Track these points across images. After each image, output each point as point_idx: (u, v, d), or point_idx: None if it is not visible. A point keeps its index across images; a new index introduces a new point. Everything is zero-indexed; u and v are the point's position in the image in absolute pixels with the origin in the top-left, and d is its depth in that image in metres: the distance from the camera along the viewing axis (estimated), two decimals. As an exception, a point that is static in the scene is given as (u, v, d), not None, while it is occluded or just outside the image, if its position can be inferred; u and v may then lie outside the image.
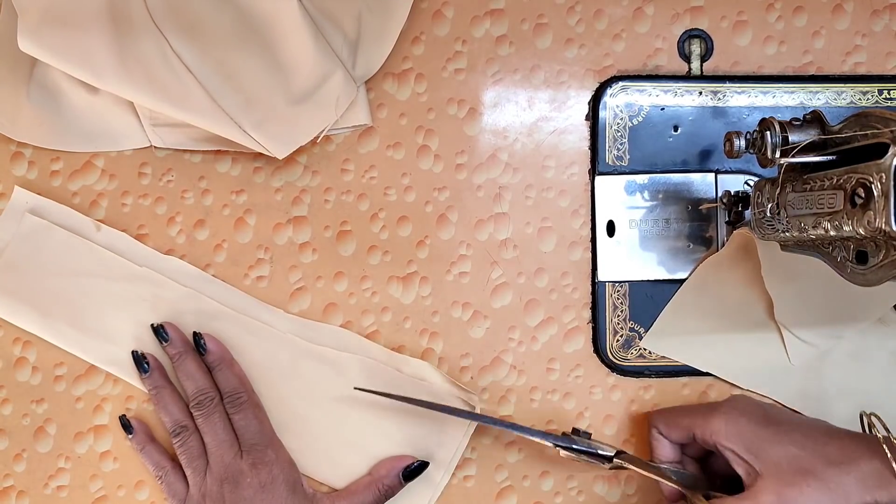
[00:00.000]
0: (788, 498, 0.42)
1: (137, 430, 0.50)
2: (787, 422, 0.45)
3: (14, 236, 0.50)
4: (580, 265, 0.52)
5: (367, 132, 0.52)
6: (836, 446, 0.42)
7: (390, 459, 0.50)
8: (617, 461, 0.47)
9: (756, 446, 0.43)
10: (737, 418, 0.45)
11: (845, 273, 0.38)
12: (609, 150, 0.52)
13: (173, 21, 0.48)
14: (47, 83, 0.51)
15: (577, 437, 0.48)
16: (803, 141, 0.39)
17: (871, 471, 0.41)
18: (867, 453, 0.41)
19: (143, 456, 0.50)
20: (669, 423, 0.48)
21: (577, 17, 0.53)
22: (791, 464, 0.42)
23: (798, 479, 0.42)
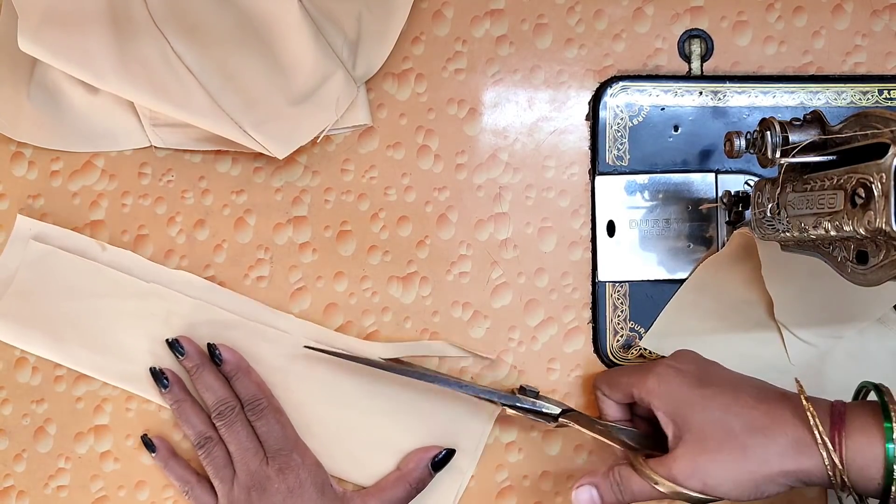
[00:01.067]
0: (704, 465, 0.41)
1: (160, 448, 0.50)
2: (718, 384, 0.43)
3: (21, 264, 0.51)
4: (580, 265, 0.52)
5: (367, 132, 0.52)
6: (762, 411, 0.41)
7: (417, 451, 0.50)
8: (562, 420, 0.47)
9: (682, 409, 0.43)
10: (669, 379, 0.44)
11: (846, 273, 0.38)
12: (609, 150, 0.52)
13: (174, 22, 0.48)
14: (47, 83, 0.51)
15: (523, 396, 0.48)
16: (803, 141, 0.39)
17: (793, 438, 0.40)
18: (793, 419, 0.40)
19: (168, 472, 0.50)
20: (611, 384, 0.48)
21: (577, 17, 0.53)
22: (712, 429, 0.41)
23: (716, 445, 0.41)
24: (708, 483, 0.41)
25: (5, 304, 0.51)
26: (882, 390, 0.40)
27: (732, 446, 0.40)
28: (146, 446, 0.51)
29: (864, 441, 0.39)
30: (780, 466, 0.40)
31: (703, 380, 0.44)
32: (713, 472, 0.41)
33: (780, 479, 0.40)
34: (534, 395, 0.48)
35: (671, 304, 0.52)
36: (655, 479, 0.42)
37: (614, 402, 0.48)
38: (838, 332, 0.51)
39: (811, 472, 0.39)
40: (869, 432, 0.39)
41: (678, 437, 0.42)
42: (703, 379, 0.44)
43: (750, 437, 0.40)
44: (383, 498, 0.49)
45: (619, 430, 0.47)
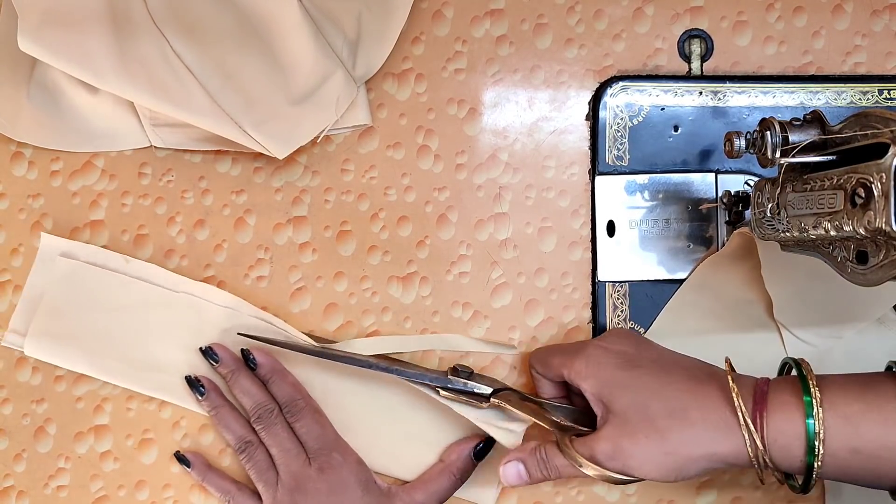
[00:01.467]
0: (624, 448, 0.41)
1: (194, 462, 0.50)
2: (646, 365, 0.43)
3: (50, 282, 0.51)
4: (580, 265, 0.52)
5: (367, 132, 0.52)
6: (687, 394, 0.41)
7: (458, 443, 0.50)
8: (494, 400, 0.47)
9: (608, 391, 0.43)
10: (598, 360, 0.44)
11: (845, 273, 0.38)
12: (609, 150, 0.52)
13: (174, 21, 0.48)
14: (47, 83, 0.51)
15: (454, 377, 0.48)
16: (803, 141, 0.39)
17: (714, 421, 0.40)
18: (717, 401, 0.40)
19: (207, 484, 0.50)
20: (544, 363, 0.48)
21: (577, 17, 0.53)
22: (635, 412, 0.41)
23: (637, 429, 0.41)
24: (628, 464, 0.41)
25: (38, 324, 0.51)
26: (801, 365, 0.40)
27: (653, 429, 0.40)
28: (180, 462, 0.50)
29: (785, 419, 0.39)
30: (700, 450, 0.40)
31: (631, 361, 0.44)
32: (633, 454, 0.41)
33: (700, 462, 0.40)
34: (466, 376, 0.48)
35: (671, 304, 0.52)
36: (579, 460, 0.42)
37: (548, 381, 0.48)
38: (838, 332, 0.51)
39: (730, 455, 0.40)
40: (790, 409, 0.39)
41: (604, 418, 0.43)
42: (632, 360, 0.44)
43: (670, 421, 0.40)
44: (428, 490, 0.49)
45: (553, 408, 0.47)
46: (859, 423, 0.38)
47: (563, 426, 0.46)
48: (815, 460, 0.38)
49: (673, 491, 0.52)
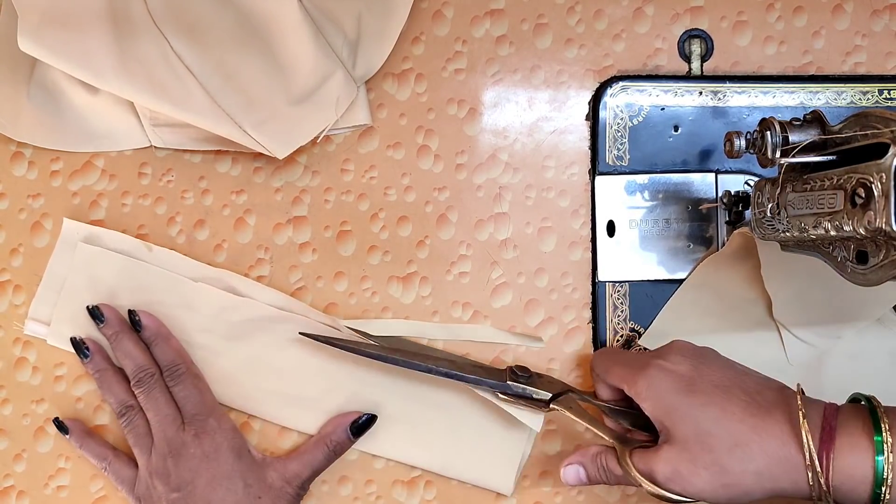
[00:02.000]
0: (683, 474, 0.41)
1: (73, 429, 0.50)
2: (708, 390, 0.42)
3: (70, 267, 0.51)
4: (580, 265, 0.52)
5: (367, 132, 0.52)
6: (749, 425, 0.40)
7: (337, 417, 0.50)
8: (554, 406, 0.47)
9: (669, 417, 0.42)
10: (659, 382, 0.43)
11: (846, 273, 0.38)
12: (609, 150, 0.52)
13: (174, 22, 0.48)
14: (47, 83, 0.51)
15: (514, 383, 0.48)
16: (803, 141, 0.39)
17: (779, 458, 0.39)
18: (780, 435, 0.39)
19: (85, 451, 0.50)
20: (605, 370, 0.48)
21: (577, 17, 0.53)
22: (696, 442, 0.41)
23: (697, 458, 0.41)
24: (686, 489, 0.41)
25: (61, 311, 0.51)
26: (873, 402, 0.40)
27: (713, 462, 0.40)
28: (59, 429, 0.50)
29: (853, 462, 0.38)
30: (759, 485, 0.40)
31: (692, 384, 0.43)
32: (692, 483, 0.41)
33: (756, 494, 0.40)
34: (525, 380, 0.48)
35: (670, 304, 0.52)
36: (637, 478, 0.42)
37: (607, 387, 0.48)
38: (837, 332, 0.51)
39: (789, 489, 0.39)
40: (859, 451, 0.38)
41: (665, 440, 0.42)
42: (693, 384, 0.43)
43: (731, 455, 0.40)
44: (302, 461, 0.49)
45: (613, 412, 0.47)
46: None
47: (623, 436, 0.46)
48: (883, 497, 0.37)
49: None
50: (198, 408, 0.49)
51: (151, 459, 0.48)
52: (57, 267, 0.51)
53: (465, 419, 0.51)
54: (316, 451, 0.49)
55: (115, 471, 0.49)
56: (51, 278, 0.51)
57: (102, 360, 0.50)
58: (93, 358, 0.50)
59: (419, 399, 0.51)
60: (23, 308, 0.52)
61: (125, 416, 0.49)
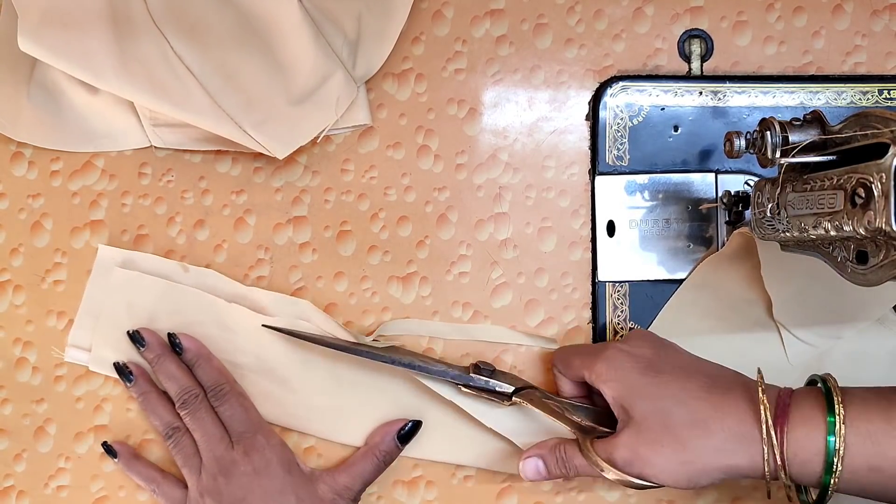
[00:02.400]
0: (642, 455, 0.41)
1: (121, 452, 0.50)
2: (669, 371, 0.43)
3: (108, 293, 0.51)
4: (580, 265, 0.52)
5: (367, 132, 0.52)
6: (708, 402, 0.41)
7: (383, 426, 0.51)
8: (516, 399, 0.47)
9: (629, 397, 0.42)
10: (619, 364, 0.44)
11: (846, 273, 0.38)
12: (609, 150, 0.52)
13: (174, 22, 0.48)
14: (47, 83, 0.51)
15: (476, 375, 0.48)
16: (803, 141, 0.39)
17: (736, 433, 0.40)
18: (738, 412, 0.40)
19: (133, 474, 0.50)
20: (565, 363, 0.48)
21: (577, 17, 0.53)
22: (655, 420, 0.41)
23: (656, 437, 0.41)
24: (645, 472, 0.41)
25: (101, 336, 0.51)
26: (827, 380, 0.40)
27: (672, 439, 0.40)
28: (107, 452, 0.50)
29: (806, 434, 0.38)
30: (717, 461, 0.40)
31: (652, 366, 0.43)
32: (651, 462, 0.41)
33: (716, 472, 0.40)
34: (488, 373, 0.48)
35: (670, 304, 0.52)
36: (599, 464, 0.42)
37: (569, 381, 0.48)
38: (837, 332, 0.51)
39: (747, 467, 0.40)
40: (811, 425, 0.39)
41: (624, 423, 0.42)
42: (653, 365, 0.43)
43: (690, 431, 0.40)
44: (352, 473, 0.49)
45: (574, 408, 0.47)
46: (881, 441, 0.37)
47: (584, 427, 0.46)
48: (833, 477, 0.38)
49: (673, 491, 0.52)
50: (245, 425, 0.49)
51: (202, 479, 0.48)
52: (94, 292, 0.51)
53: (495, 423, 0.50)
54: (365, 462, 0.49)
55: (164, 493, 0.49)
56: (88, 304, 0.51)
57: (146, 383, 0.50)
58: (136, 382, 0.50)
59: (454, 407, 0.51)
60: (23, 309, 0.52)
61: (172, 437, 0.49)
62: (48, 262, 0.52)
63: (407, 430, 0.50)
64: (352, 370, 0.51)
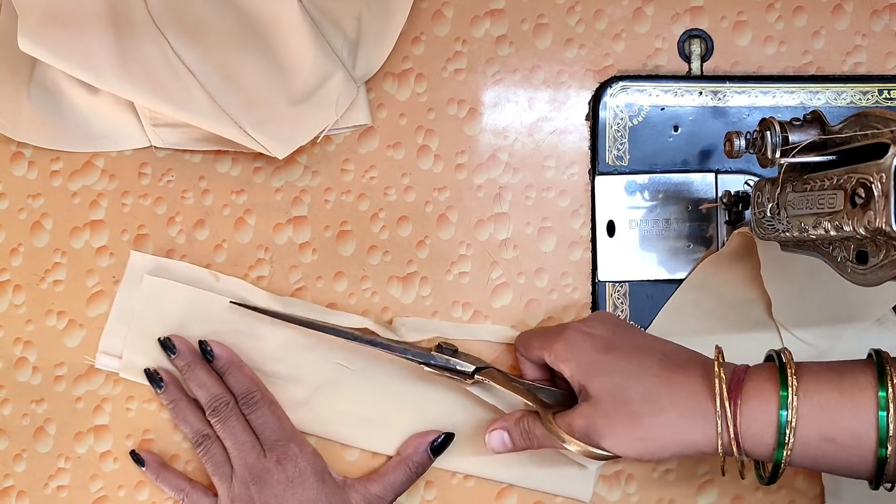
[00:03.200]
0: (599, 428, 0.41)
1: (149, 461, 0.50)
2: (626, 348, 0.43)
3: (139, 301, 0.51)
4: (580, 265, 0.52)
5: (367, 132, 0.52)
6: (662, 378, 0.41)
7: (416, 437, 0.51)
8: (478, 377, 0.47)
9: (586, 374, 0.43)
10: (576, 343, 0.44)
11: (846, 273, 0.38)
12: (609, 150, 0.52)
13: (174, 22, 0.48)
14: (47, 83, 0.51)
15: (437, 354, 0.48)
16: (803, 141, 0.39)
17: (689, 408, 0.40)
18: (692, 388, 0.40)
19: (161, 483, 0.50)
20: (526, 345, 0.48)
21: (577, 17, 0.53)
22: (610, 396, 0.41)
23: (611, 412, 0.41)
24: (602, 445, 0.41)
25: (132, 343, 0.51)
26: (782, 354, 0.40)
27: (626, 414, 0.41)
28: (135, 461, 0.50)
29: (758, 406, 0.39)
30: (671, 436, 0.40)
31: (609, 344, 0.44)
32: (606, 436, 0.41)
33: (671, 448, 0.40)
34: (450, 353, 0.48)
35: (670, 304, 0.52)
36: (560, 434, 0.43)
37: (531, 363, 0.49)
38: (837, 332, 0.51)
39: (701, 443, 0.40)
40: (764, 397, 0.39)
41: (582, 399, 0.43)
42: (610, 343, 0.44)
43: (643, 406, 0.41)
44: (384, 483, 0.49)
45: (537, 390, 0.47)
46: (832, 412, 0.38)
47: (547, 404, 0.46)
48: (786, 449, 0.38)
49: (673, 490, 0.52)
50: (277, 434, 0.49)
51: (233, 487, 0.48)
52: (125, 300, 0.51)
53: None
54: (398, 473, 0.49)
55: (194, 501, 0.49)
56: (119, 311, 0.51)
57: (176, 390, 0.50)
58: (167, 389, 0.50)
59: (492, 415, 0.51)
60: (23, 308, 0.52)
61: (202, 444, 0.49)
62: (48, 262, 0.52)
63: (440, 442, 0.50)
64: (384, 379, 0.51)
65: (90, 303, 0.52)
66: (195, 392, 0.50)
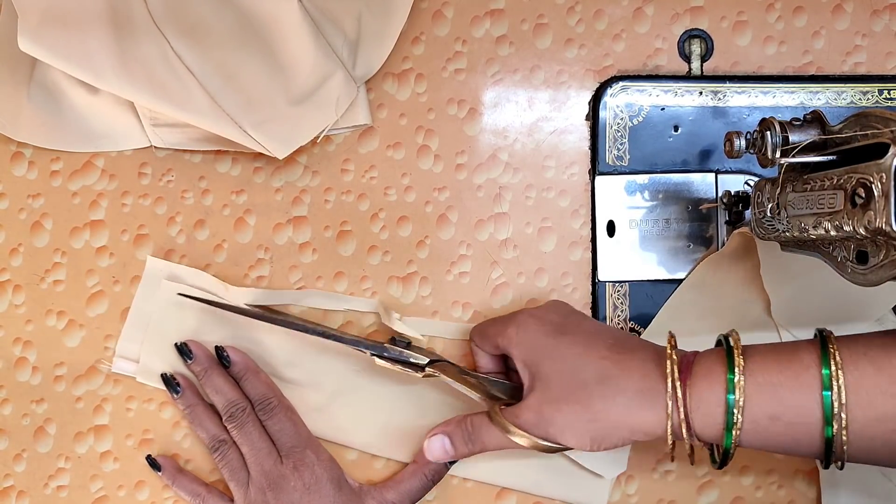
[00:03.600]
0: (546, 415, 0.41)
1: (165, 466, 0.50)
2: (578, 333, 0.43)
3: (156, 305, 0.51)
4: (580, 265, 0.52)
5: (367, 132, 0.52)
6: (613, 361, 0.41)
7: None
8: (430, 370, 0.47)
9: (536, 358, 0.43)
10: (528, 327, 0.44)
11: (846, 273, 0.38)
12: (609, 150, 0.52)
13: (174, 22, 0.48)
14: (47, 83, 0.51)
15: (391, 346, 0.48)
16: (803, 141, 0.39)
17: (639, 389, 0.40)
18: (643, 370, 0.40)
19: (177, 488, 0.50)
20: (481, 333, 0.48)
21: (577, 17, 0.53)
22: (559, 379, 0.41)
23: (560, 396, 0.41)
24: (550, 432, 0.41)
25: (149, 348, 0.51)
26: (730, 336, 0.41)
27: (575, 397, 0.41)
28: (151, 466, 0.50)
29: (707, 387, 0.39)
30: (621, 418, 0.40)
31: (560, 328, 0.44)
32: (555, 422, 0.41)
33: (622, 430, 0.40)
34: (404, 346, 0.48)
35: (669, 303, 0.52)
36: (508, 427, 0.42)
37: (486, 354, 0.49)
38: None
39: (651, 424, 0.40)
40: (712, 378, 0.39)
41: (531, 386, 0.43)
42: (561, 328, 0.44)
43: (593, 388, 0.40)
44: (400, 490, 0.49)
45: (490, 382, 0.47)
46: (778, 390, 0.38)
47: (498, 399, 0.46)
48: (734, 429, 0.38)
49: (674, 491, 0.52)
50: (294, 440, 0.49)
51: (249, 493, 0.48)
52: (142, 304, 0.51)
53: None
54: (413, 480, 0.49)
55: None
56: (136, 316, 0.51)
57: (193, 395, 0.50)
58: (184, 394, 0.50)
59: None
60: (23, 308, 0.52)
61: (218, 450, 0.49)
62: (48, 262, 0.52)
63: None
64: (400, 386, 0.51)
65: (90, 303, 0.52)
66: (212, 397, 0.50)
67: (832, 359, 0.38)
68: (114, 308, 0.52)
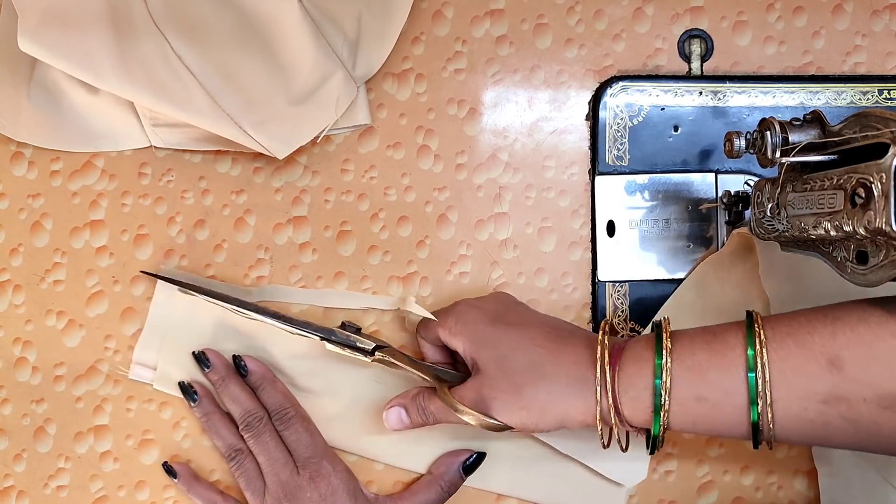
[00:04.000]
0: (486, 399, 0.42)
1: (181, 473, 0.50)
2: (514, 322, 0.44)
3: (174, 313, 0.51)
4: (580, 265, 0.52)
5: (367, 132, 0.52)
6: (547, 349, 0.42)
7: (448, 455, 0.51)
8: (378, 355, 0.47)
9: (475, 346, 0.44)
10: (467, 316, 0.45)
11: (845, 273, 0.38)
12: (609, 150, 0.52)
13: (174, 22, 0.48)
14: (47, 83, 0.51)
15: (339, 330, 0.48)
16: (803, 141, 0.39)
17: (570, 378, 0.41)
18: (574, 357, 0.41)
19: (192, 496, 0.50)
20: (425, 326, 0.49)
21: (577, 17, 0.53)
22: (496, 367, 0.42)
23: (496, 382, 0.42)
24: (491, 415, 0.42)
25: (166, 356, 0.51)
26: (661, 322, 0.41)
27: (509, 384, 0.42)
28: (167, 473, 0.50)
29: (636, 372, 0.40)
30: (551, 406, 0.41)
31: (499, 317, 0.45)
32: (493, 407, 0.42)
33: (554, 416, 0.41)
34: (353, 331, 0.48)
35: (668, 303, 0.52)
36: (456, 405, 0.43)
37: (431, 345, 0.49)
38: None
39: (581, 412, 0.40)
40: (641, 362, 0.40)
41: (474, 372, 0.44)
42: (500, 317, 0.45)
43: (525, 376, 0.41)
44: (415, 501, 0.49)
45: (437, 371, 0.48)
46: (704, 371, 0.39)
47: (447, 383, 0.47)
48: (662, 411, 0.39)
49: (674, 491, 0.52)
50: (310, 451, 0.49)
51: (265, 502, 0.48)
52: (159, 311, 0.51)
53: (571, 450, 0.50)
54: (429, 492, 0.49)
55: None
56: (154, 323, 0.51)
57: (210, 403, 0.50)
58: (201, 402, 0.50)
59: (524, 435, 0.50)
60: (22, 308, 0.52)
61: (234, 459, 0.49)
62: (48, 262, 0.52)
63: (471, 462, 0.50)
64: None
65: (90, 303, 0.52)
66: (228, 406, 0.50)
67: (756, 338, 0.38)
68: (114, 308, 0.52)
